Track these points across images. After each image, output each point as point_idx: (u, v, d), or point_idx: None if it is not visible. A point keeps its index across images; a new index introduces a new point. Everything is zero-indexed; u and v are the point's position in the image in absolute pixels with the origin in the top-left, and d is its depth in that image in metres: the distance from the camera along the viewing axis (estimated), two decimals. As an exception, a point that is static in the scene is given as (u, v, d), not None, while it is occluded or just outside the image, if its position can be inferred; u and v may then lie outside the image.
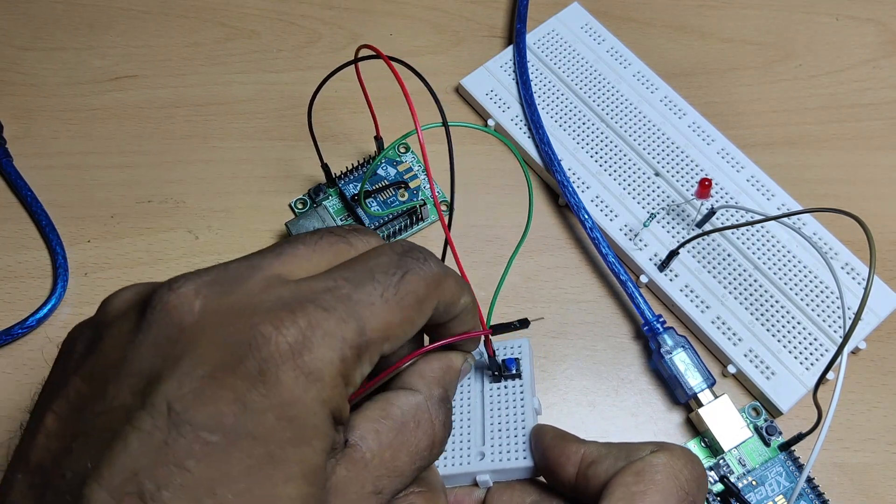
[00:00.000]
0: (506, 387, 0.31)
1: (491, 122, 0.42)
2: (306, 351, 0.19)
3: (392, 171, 0.40)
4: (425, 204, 0.39)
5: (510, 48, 0.44)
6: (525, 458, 0.29)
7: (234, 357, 0.18)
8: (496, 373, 0.31)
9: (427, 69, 0.44)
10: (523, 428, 0.30)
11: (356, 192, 0.39)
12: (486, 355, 0.31)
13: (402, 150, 0.42)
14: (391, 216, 0.39)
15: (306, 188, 0.41)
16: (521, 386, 0.31)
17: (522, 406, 0.31)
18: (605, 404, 0.36)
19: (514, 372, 0.31)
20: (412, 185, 0.40)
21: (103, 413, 0.18)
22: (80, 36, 0.46)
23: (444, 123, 0.28)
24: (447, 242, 0.29)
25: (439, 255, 0.26)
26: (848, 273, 0.38)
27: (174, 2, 0.47)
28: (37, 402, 0.20)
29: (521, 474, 0.29)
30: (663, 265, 0.37)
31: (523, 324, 0.28)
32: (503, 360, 0.31)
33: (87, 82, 0.45)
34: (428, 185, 0.41)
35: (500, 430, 0.30)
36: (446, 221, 0.29)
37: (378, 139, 0.39)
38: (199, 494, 0.17)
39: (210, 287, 0.20)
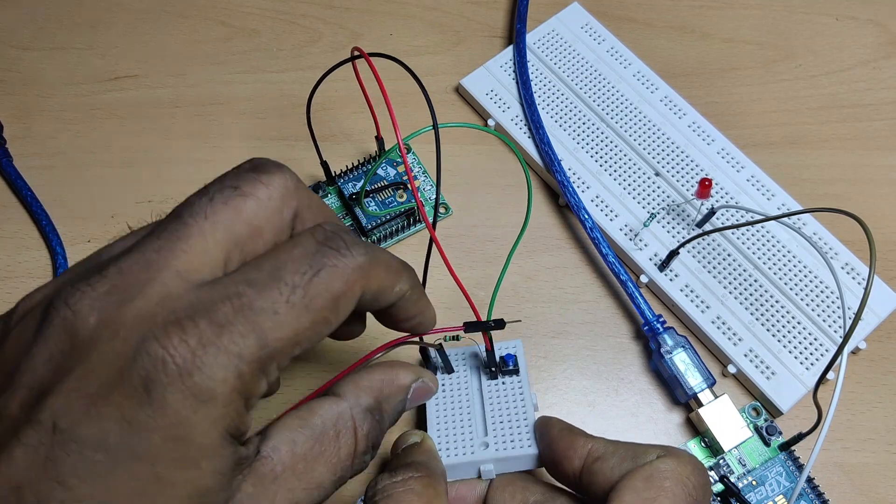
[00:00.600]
0: (503, 383, 0.32)
1: (491, 123, 0.42)
2: (196, 371, 0.18)
3: (392, 172, 0.40)
4: (423, 206, 0.39)
5: (510, 48, 0.44)
6: (530, 446, 0.29)
7: (122, 375, 0.18)
8: (493, 369, 0.32)
9: (427, 69, 0.44)
10: (525, 418, 0.30)
11: (355, 191, 0.39)
12: (483, 352, 0.31)
13: (404, 149, 0.42)
14: (389, 216, 0.39)
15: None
16: (518, 382, 0.32)
17: (522, 399, 0.31)
18: (605, 404, 0.36)
19: (511, 368, 0.32)
20: (412, 185, 0.40)
21: None
22: (80, 35, 0.46)
23: (435, 125, 0.28)
24: (432, 241, 0.28)
25: (425, 255, 0.26)
26: (848, 273, 0.38)
27: (174, 1, 0.47)
28: None
29: (525, 464, 0.30)
30: (663, 265, 0.37)
31: (498, 324, 0.28)
32: (501, 357, 0.32)
33: (88, 82, 0.45)
34: (427, 187, 0.41)
35: (501, 422, 0.31)
36: (430, 220, 0.29)
37: (379, 139, 0.39)
38: None
39: (106, 298, 0.19)
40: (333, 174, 0.40)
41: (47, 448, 0.17)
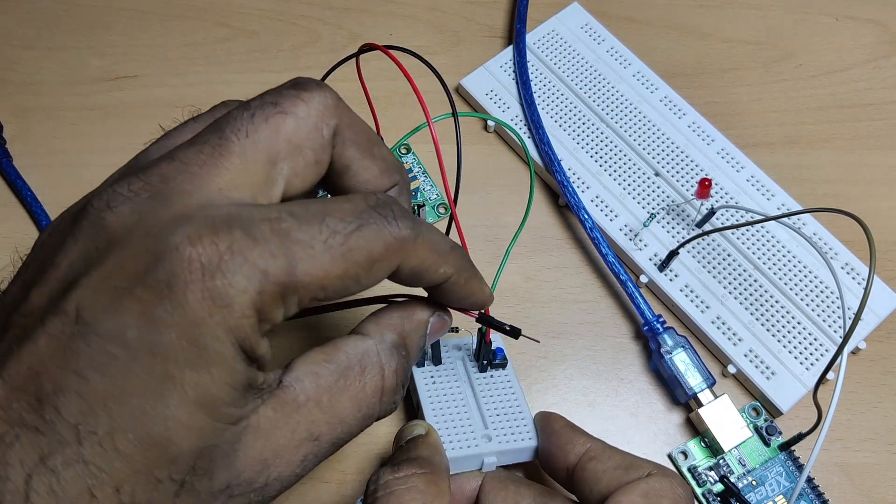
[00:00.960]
0: (492, 376, 0.33)
1: (491, 122, 0.42)
2: (219, 274, 0.18)
3: None
4: (423, 206, 0.39)
5: (510, 48, 0.44)
6: (531, 438, 0.30)
7: (149, 271, 0.18)
8: (485, 362, 0.32)
9: (427, 69, 0.44)
10: (520, 410, 0.31)
11: None
12: (473, 344, 0.31)
13: (403, 150, 0.42)
14: None
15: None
16: (506, 375, 0.33)
17: (513, 391, 0.32)
18: (605, 404, 0.36)
19: (500, 361, 0.33)
20: (412, 185, 0.40)
21: (24, 315, 0.19)
22: (79, 35, 0.46)
23: (454, 113, 0.28)
24: (452, 217, 0.29)
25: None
26: (848, 273, 0.38)
27: (174, 2, 0.47)
28: None
29: (525, 455, 0.31)
30: (663, 265, 0.37)
31: (514, 333, 0.28)
32: (492, 350, 0.32)
33: (87, 82, 0.45)
34: (427, 188, 0.41)
35: (499, 414, 0.31)
36: (452, 196, 0.29)
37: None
38: (93, 405, 0.17)
39: (145, 200, 0.19)
40: None
41: (69, 338, 0.17)
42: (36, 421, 0.17)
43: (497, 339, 0.33)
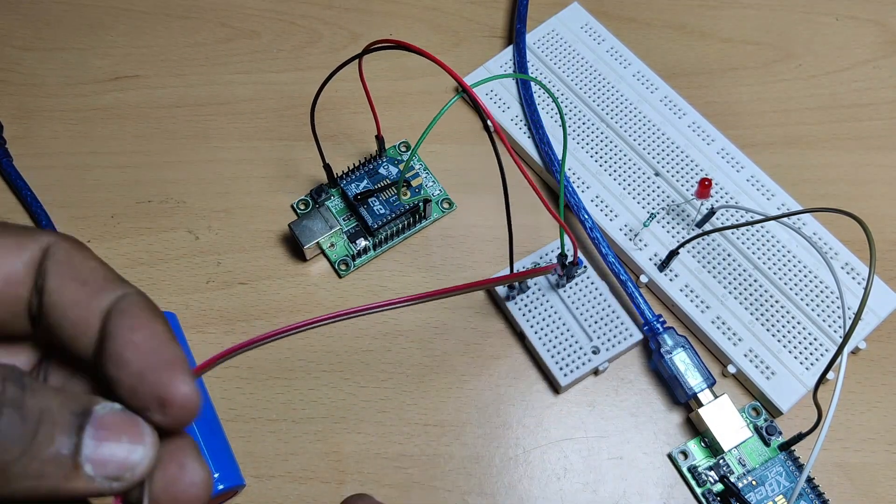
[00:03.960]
0: (577, 283, 0.37)
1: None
2: None
3: (394, 171, 0.40)
4: (430, 201, 0.39)
5: (510, 48, 0.44)
6: (634, 333, 0.36)
7: None
8: (568, 275, 0.36)
9: (427, 69, 0.44)
10: (613, 310, 0.36)
11: (358, 191, 0.39)
12: (558, 268, 0.35)
13: (404, 149, 0.42)
14: (394, 214, 0.39)
15: (307, 188, 0.41)
16: (588, 278, 0.37)
17: (599, 291, 0.37)
18: (605, 404, 0.36)
19: (583, 267, 0.37)
20: (414, 183, 0.40)
21: None
22: (80, 36, 0.46)
23: (465, 89, 0.28)
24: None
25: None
26: (848, 273, 0.38)
27: (175, 2, 0.47)
28: None
29: (634, 348, 0.37)
30: (663, 265, 0.37)
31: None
32: (572, 261, 0.35)
33: (88, 82, 0.45)
34: (430, 184, 0.41)
35: (597, 322, 0.36)
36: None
37: (379, 138, 0.39)
38: None
39: None
40: (336, 176, 0.40)
41: None
42: None
43: (559, 248, 0.36)
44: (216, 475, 0.33)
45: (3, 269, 0.18)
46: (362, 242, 0.39)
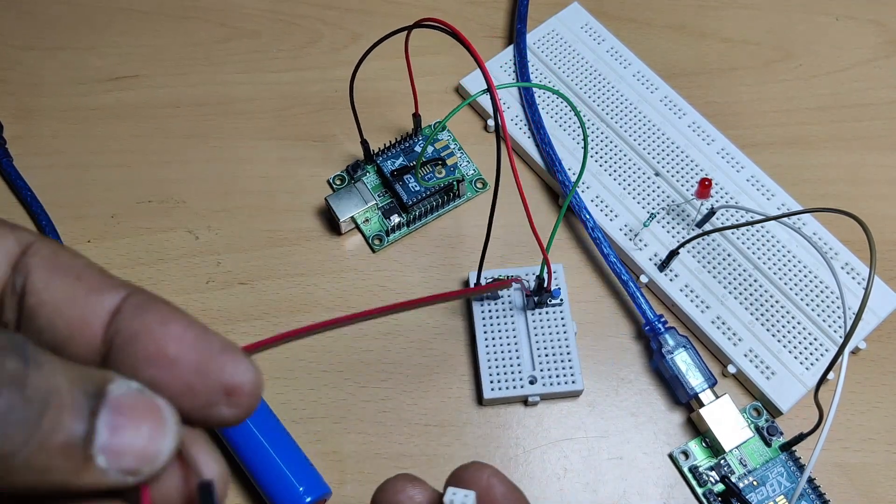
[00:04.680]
0: (546, 312, 0.36)
1: (491, 122, 0.42)
2: None
3: (429, 149, 0.41)
4: (463, 180, 0.40)
5: (510, 48, 0.44)
6: (574, 381, 0.35)
7: None
8: (537, 298, 0.35)
9: (427, 69, 0.44)
10: (568, 352, 0.36)
11: (394, 168, 0.40)
12: (532, 284, 0.35)
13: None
14: (428, 192, 0.40)
15: (308, 188, 0.41)
16: (561, 312, 0.36)
17: (565, 329, 0.36)
18: (605, 404, 0.36)
19: (557, 301, 0.36)
20: (449, 162, 0.41)
21: None
22: (80, 36, 0.46)
23: (483, 73, 0.28)
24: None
25: None
26: (848, 273, 0.38)
27: (175, 2, 0.47)
28: None
29: (569, 396, 0.36)
30: (663, 265, 0.37)
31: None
32: (549, 290, 0.35)
33: (88, 82, 0.45)
34: (464, 164, 0.41)
35: (547, 355, 0.35)
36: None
37: (416, 116, 0.40)
38: None
39: None
40: (372, 152, 0.40)
41: None
42: None
43: (554, 281, 0.36)
44: (301, 488, 0.32)
45: None
46: (396, 218, 0.39)
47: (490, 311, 0.36)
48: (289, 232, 0.40)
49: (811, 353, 0.36)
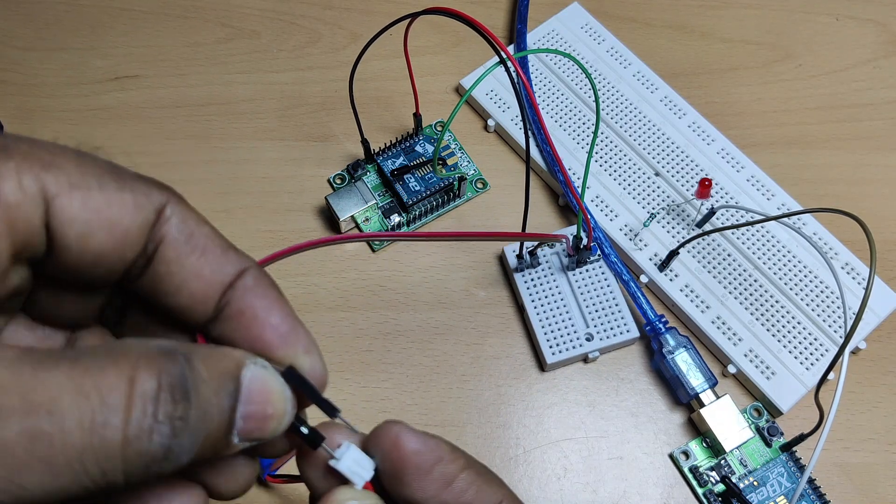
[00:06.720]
0: (588, 270, 0.37)
1: (491, 122, 0.42)
2: None
3: (430, 148, 0.41)
4: (465, 178, 0.40)
5: (510, 48, 0.44)
6: (629, 330, 0.36)
7: None
8: (580, 259, 0.36)
9: (427, 69, 0.44)
10: (616, 303, 0.36)
11: (394, 167, 0.40)
12: (571, 240, 0.35)
13: (440, 128, 0.42)
14: (428, 192, 0.39)
15: (308, 188, 0.41)
16: (601, 267, 0.37)
17: (607, 282, 0.37)
18: (605, 404, 0.36)
19: (595, 257, 0.37)
20: (449, 161, 0.41)
21: None
22: (81, 36, 0.46)
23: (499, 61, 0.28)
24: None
25: None
26: (848, 273, 0.38)
27: (175, 2, 0.47)
28: None
29: (626, 345, 0.37)
30: (663, 265, 0.37)
31: (330, 411, 0.20)
32: (587, 246, 0.35)
33: (89, 82, 0.45)
34: (465, 163, 0.41)
35: (597, 310, 0.36)
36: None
37: (417, 116, 0.40)
38: None
39: None
40: (373, 152, 0.40)
41: None
42: None
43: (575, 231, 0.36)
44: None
45: (118, 230, 0.17)
46: (396, 218, 0.40)
47: (533, 279, 0.37)
48: (289, 232, 0.40)
49: (811, 353, 0.36)
